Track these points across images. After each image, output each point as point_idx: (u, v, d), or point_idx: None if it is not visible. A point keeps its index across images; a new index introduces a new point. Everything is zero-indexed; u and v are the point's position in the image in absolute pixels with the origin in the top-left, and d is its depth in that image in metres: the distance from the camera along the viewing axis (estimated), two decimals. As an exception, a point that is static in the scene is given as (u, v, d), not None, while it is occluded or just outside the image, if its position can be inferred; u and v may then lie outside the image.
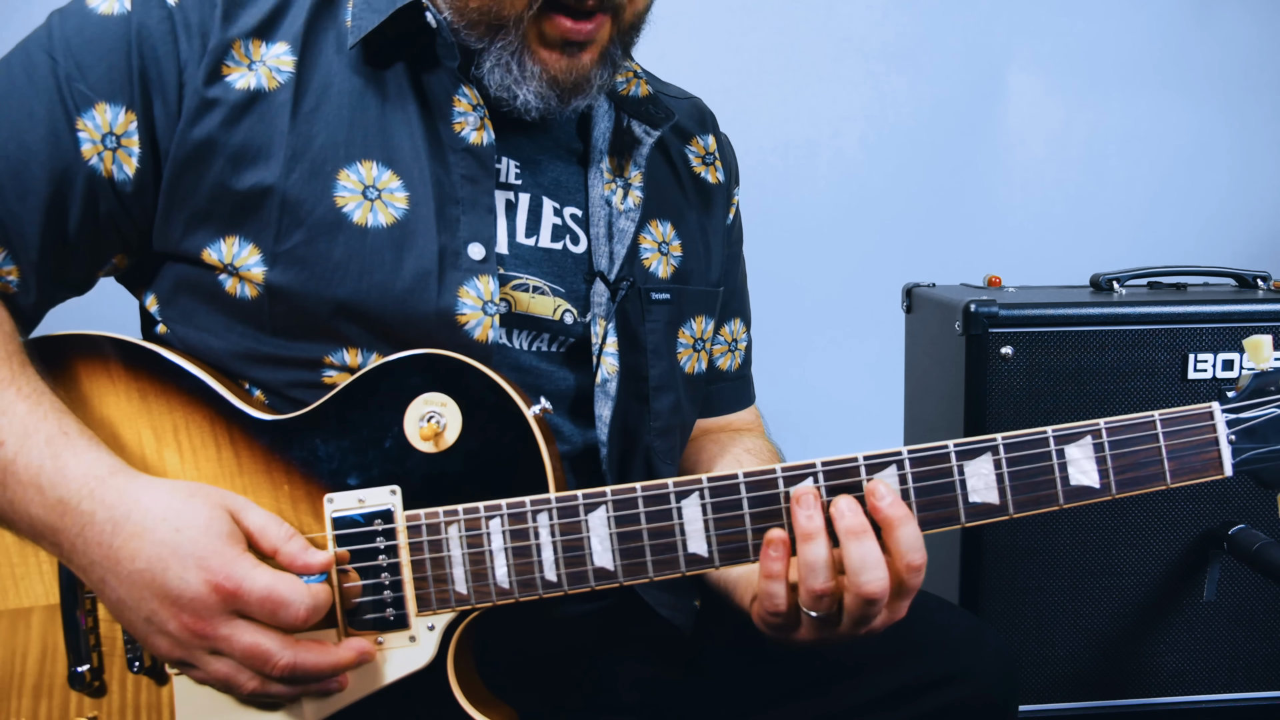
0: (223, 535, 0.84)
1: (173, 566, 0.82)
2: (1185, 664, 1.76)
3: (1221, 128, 2.71)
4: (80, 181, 0.95)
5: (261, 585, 0.83)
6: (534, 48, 0.98)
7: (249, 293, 0.97)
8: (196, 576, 0.82)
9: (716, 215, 1.26)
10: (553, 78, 0.99)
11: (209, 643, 0.84)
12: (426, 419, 0.92)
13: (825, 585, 0.85)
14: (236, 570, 0.83)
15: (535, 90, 0.99)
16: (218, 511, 0.85)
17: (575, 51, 0.99)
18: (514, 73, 0.98)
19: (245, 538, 0.87)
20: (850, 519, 0.85)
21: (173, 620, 0.83)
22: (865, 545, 0.85)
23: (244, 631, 0.83)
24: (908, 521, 0.85)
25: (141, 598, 0.83)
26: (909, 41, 2.62)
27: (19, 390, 0.88)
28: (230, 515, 0.86)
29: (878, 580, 0.84)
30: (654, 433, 1.13)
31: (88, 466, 0.86)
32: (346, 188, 0.97)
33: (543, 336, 1.07)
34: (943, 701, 1.09)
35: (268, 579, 0.83)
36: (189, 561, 0.82)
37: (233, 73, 0.96)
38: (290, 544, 0.87)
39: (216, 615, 0.83)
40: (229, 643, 0.83)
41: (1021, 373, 1.67)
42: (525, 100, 1.00)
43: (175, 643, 0.84)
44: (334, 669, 0.88)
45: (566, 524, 0.90)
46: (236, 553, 0.84)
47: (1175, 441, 0.88)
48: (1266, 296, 1.77)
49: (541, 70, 0.98)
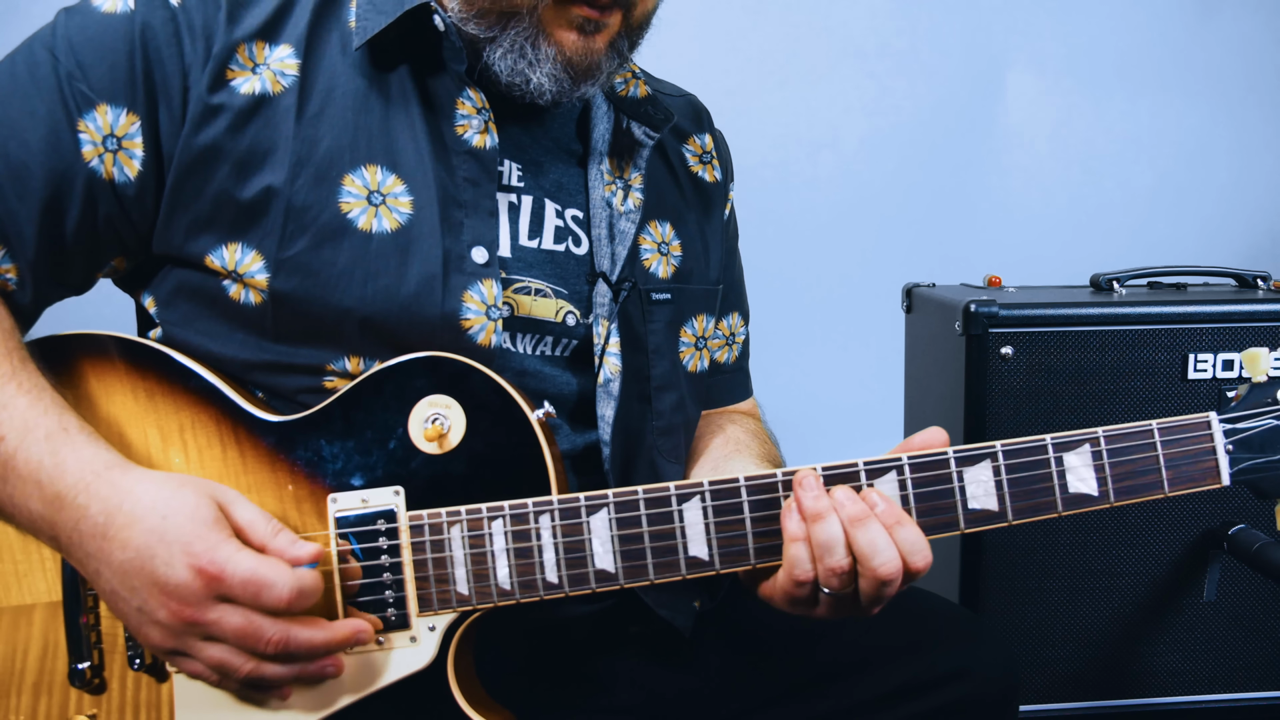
0: (208, 521, 0.84)
1: (160, 554, 0.82)
2: (1185, 664, 1.76)
3: (1221, 128, 2.71)
4: (80, 183, 0.94)
5: (245, 568, 0.82)
6: (550, 30, 0.98)
7: (253, 299, 0.97)
8: (182, 562, 0.82)
9: (714, 214, 1.26)
10: (568, 59, 0.99)
11: (200, 628, 0.83)
12: (431, 421, 0.92)
13: (842, 562, 0.85)
14: (220, 554, 0.82)
15: (549, 73, 0.99)
16: (204, 500, 0.85)
17: (591, 32, 0.99)
18: (528, 56, 0.99)
19: (234, 530, 0.86)
20: (851, 507, 0.85)
21: (162, 609, 0.83)
22: (871, 530, 0.85)
23: (233, 614, 0.83)
24: (906, 524, 0.86)
25: (133, 587, 0.83)
26: (909, 41, 2.62)
27: (19, 385, 0.89)
28: (218, 506, 0.86)
29: (890, 562, 0.84)
30: (657, 432, 1.14)
31: (85, 462, 0.86)
32: (351, 193, 0.97)
33: (545, 339, 1.08)
34: (943, 700, 1.09)
35: (251, 562, 0.83)
36: (175, 548, 0.82)
37: (237, 77, 0.96)
38: (278, 539, 0.87)
39: (203, 600, 0.82)
40: (219, 626, 0.83)
41: (1021, 373, 1.67)
42: (539, 84, 0.99)
43: (167, 631, 0.84)
44: (328, 646, 0.87)
45: (568, 526, 0.90)
46: (220, 538, 0.83)
47: (1173, 451, 0.88)
48: (1266, 296, 1.76)
49: (557, 52, 0.99)
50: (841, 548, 0.85)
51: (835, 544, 0.85)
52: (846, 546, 0.85)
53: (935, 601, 1.20)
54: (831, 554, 0.85)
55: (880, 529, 0.85)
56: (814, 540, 0.86)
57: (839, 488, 0.87)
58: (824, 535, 0.85)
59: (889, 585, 0.85)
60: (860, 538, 0.84)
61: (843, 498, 0.86)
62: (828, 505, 0.85)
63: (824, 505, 0.85)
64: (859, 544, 0.85)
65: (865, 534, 0.84)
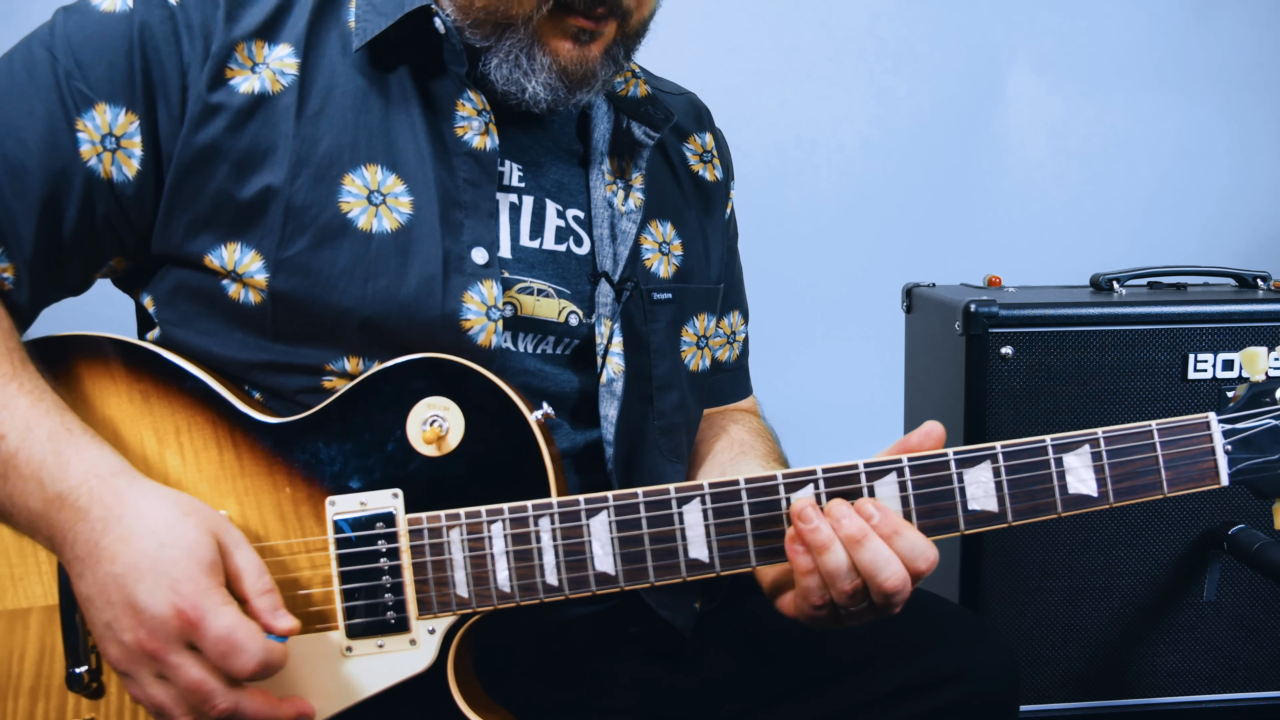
0: (203, 563, 0.82)
1: (146, 580, 0.81)
2: (1185, 664, 1.76)
3: (1221, 128, 2.71)
4: (78, 182, 0.94)
5: (223, 624, 0.81)
6: (545, 40, 0.98)
7: (252, 299, 0.97)
8: (165, 597, 0.80)
9: (715, 213, 1.26)
10: (563, 69, 0.99)
11: (157, 665, 0.82)
12: (429, 422, 0.92)
13: (853, 585, 0.86)
14: (205, 602, 0.81)
15: (544, 82, 0.99)
16: (206, 538, 0.84)
17: (586, 41, 0.99)
18: (523, 66, 0.99)
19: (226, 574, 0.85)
20: (848, 525, 0.85)
21: (129, 632, 0.81)
22: (873, 547, 0.85)
23: (193, 666, 0.81)
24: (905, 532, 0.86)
25: (108, 601, 0.82)
26: (909, 41, 2.62)
27: (20, 385, 0.88)
28: (219, 546, 0.85)
29: (895, 575, 0.85)
30: (658, 431, 1.14)
31: (90, 464, 0.86)
32: (351, 193, 0.97)
33: (547, 339, 1.07)
34: (944, 701, 1.09)
35: (231, 620, 0.81)
36: (163, 580, 0.81)
37: (236, 76, 0.96)
38: (262, 599, 0.85)
39: (171, 640, 0.81)
40: (176, 671, 0.81)
41: (1021, 373, 1.67)
42: (534, 93, 1.00)
43: (127, 653, 0.82)
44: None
45: (568, 528, 0.90)
46: (210, 584, 0.82)
47: (1172, 451, 0.88)
48: (1266, 296, 1.76)
49: (552, 62, 0.99)
50: (848, 573, 0.86)
51: (841, 571, 0.86)
52: (852, 569, 0.86)
53: (935, 601, 1.20)
54: (840, 580, 0.86)
55: (879, 544, 0.85)
56: (822, 570, 0.86)
57: (835, 503, 0.87)
58: (831, 565, 0.86)
59: (898, 595, 0.86)
60: (863, 557, 0.85)
61: (840, 515, 0.86)
62: (829, 535, 0.86)
63: (825, 536, 0.86)
64: (862, 564, 0.85)
65: (866, 553, 0.85)
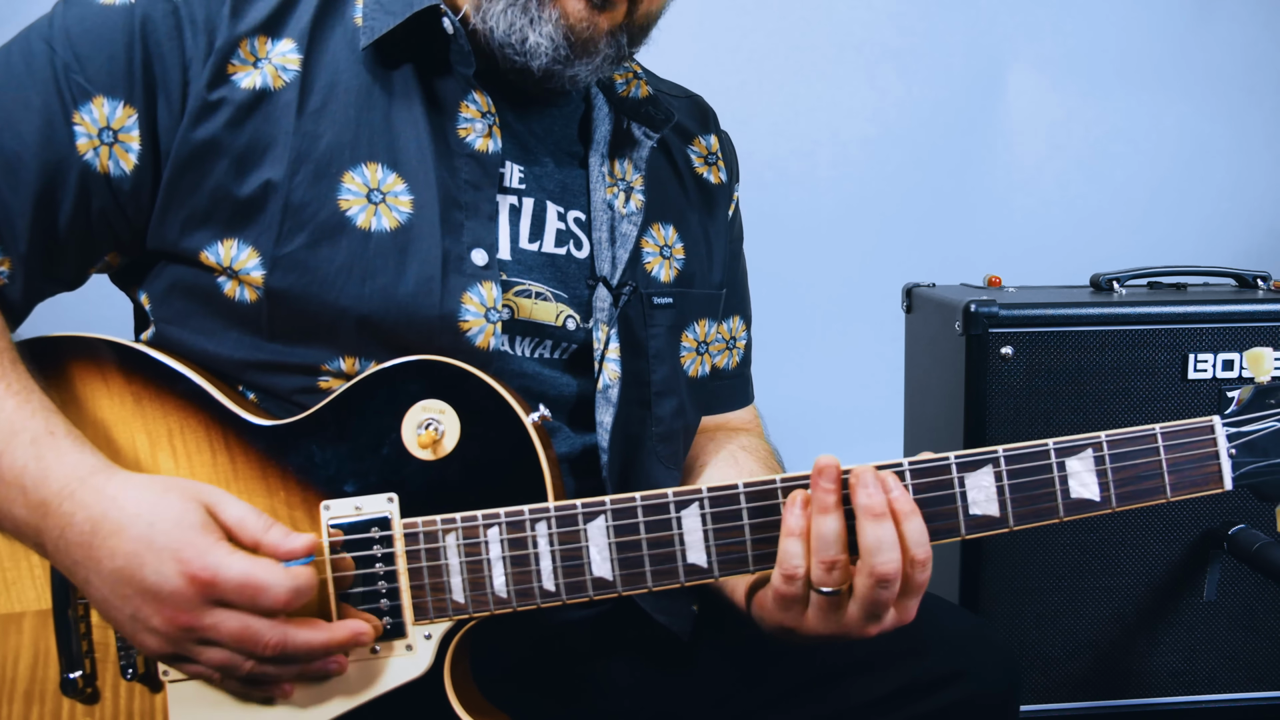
0: (195, 526, 0.82)
1: (149, 562, 0.81)
2: (1185, 664, 1.76)
3: (1221, 128, 2.70)
4: (73, 176, 0.93)
5: (237, 572, 0.81)
6: None
7: (248, 296, 0.96)
8: (172, 569, 0.81)
9: (719, 216, 1.25)
10: (569, 25, 0.98)
11: (196, 634, 0.82)
12: (425, 426, 0.91)
13: (836, 556, 0.85)
14: (211, 559, 0.81)
15: (548, 34, 0.97)
16: (191, 504, 0.84)
17: (599, 7, 0.97)
18: (530, 13, 0.97)
19: (223, 531, 0.85)
20: (875, 496, 0.84)
21: (156, 616, 0.82)
22: (883, 527, 0.84)
23: (229, 617, 0.82)
24: (915, 516, 0.85)
25: (124, 596, 0.82)
26: (909, 41, 2.62)
27: (8, 386, 0.88)
28: (205, 508, 0.85)
29: (892, 562, 0.84)
30: (656, 438, 1.13)
31: (70, 468, 0.85)
32: (351, 190, 0.96)
33: (545, 343, 1.07)
34: (944, 701, 1.08)
35: (243, 565, 0.82)
36: (164, 555, 0.81)
37: (238, 71, 0.95)
38: (270, 534, 0.85)
39: (197, 606, 0.81)
40: (216, 631, 0.82)
41: (1021, 373, 1.67)
42: (535, 43, 0.97)
43: (163, 639, 0.83)
44: (326, 647, 0.86)
45: (565, 533, 0.89)
46: (210, 542, 0.82)
47: (1175, 455, 0.88)
48: (1266, 296, 1.76)
49: (560, 16, 0.97)
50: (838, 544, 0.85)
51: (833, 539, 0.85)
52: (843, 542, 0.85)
53: (935, 602, 1.19)
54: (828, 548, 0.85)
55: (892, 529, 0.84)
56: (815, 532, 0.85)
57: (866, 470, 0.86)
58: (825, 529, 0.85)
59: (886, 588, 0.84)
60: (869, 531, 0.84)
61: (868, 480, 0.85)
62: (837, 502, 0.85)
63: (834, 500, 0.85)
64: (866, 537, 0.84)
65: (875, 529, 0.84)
